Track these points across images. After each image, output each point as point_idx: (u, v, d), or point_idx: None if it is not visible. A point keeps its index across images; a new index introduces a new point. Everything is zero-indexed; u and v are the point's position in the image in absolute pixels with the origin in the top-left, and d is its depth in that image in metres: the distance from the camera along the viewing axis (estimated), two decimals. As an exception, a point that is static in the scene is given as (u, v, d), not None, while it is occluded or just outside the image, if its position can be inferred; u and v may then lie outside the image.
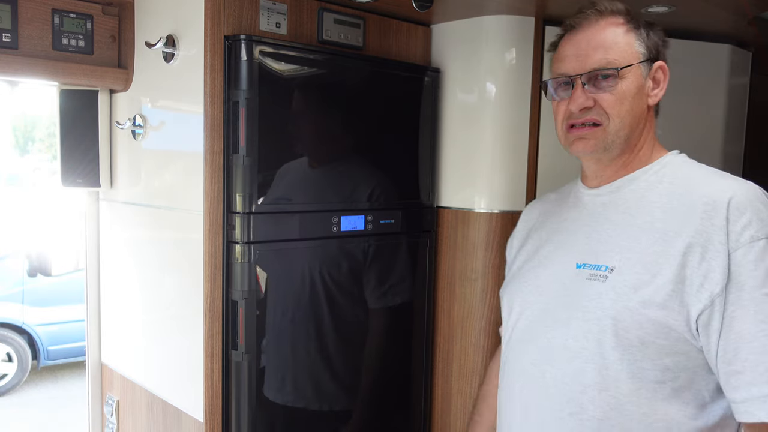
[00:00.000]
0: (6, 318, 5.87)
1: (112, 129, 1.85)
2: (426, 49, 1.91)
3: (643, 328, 1.07)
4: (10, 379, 5.91)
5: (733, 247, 1.04)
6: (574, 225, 1.27)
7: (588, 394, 1.12)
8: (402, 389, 1.89)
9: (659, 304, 1.06)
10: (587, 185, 1.29)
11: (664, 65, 1.23)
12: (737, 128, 2.12)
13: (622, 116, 1.17)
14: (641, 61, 1.18)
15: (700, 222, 1.07)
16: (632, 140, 1.20)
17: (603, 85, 1.16)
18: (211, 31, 1.48)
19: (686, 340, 1.07)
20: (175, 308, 1.66)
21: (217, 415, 1.55)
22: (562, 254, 1.25)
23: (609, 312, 1.10)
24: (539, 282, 1.26)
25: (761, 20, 1.78)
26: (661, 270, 1.07)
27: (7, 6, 1.57)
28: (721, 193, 1.08)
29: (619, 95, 1.16)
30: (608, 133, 1.18)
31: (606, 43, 1.17)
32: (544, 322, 1.21)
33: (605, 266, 1.14)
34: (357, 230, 1.71)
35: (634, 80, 1.17)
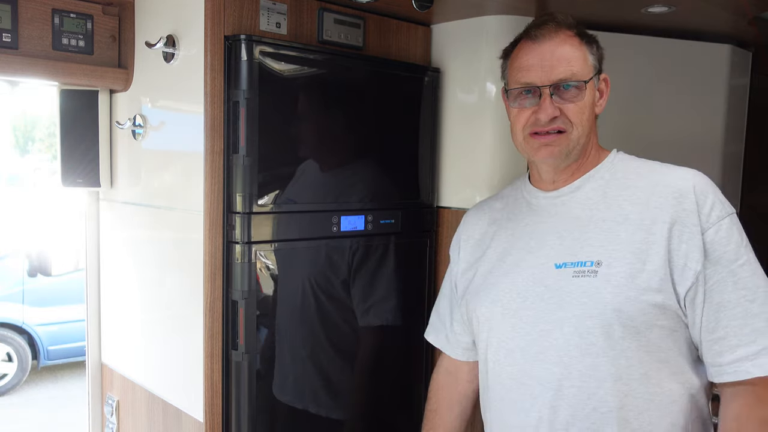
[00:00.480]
0: (6, 318, 5.88)
1: (112, 129, 1.85)
2: (426, 49, 1.91)
3: (647, 314, 1.14)
4: (10, 379, 5.91)
5: (704, 228, 1.15)
6: (538, 227, 1.30)
7: (605, 387, 1.17)
8: (402, 389, 1.89)
9: (656, 288, 1.14)
10: (543, 189, 1.34)
11: (607, 78, 1.31)
12: (737, 128, 2.12)
13: (583, 124, 1.25)
14: (594, 75, 1.27)
15: (672, 208, 1.17)
16: (586, 146, 1.28)
17: (568, 96, 1.23)
18: (211, 31, 1.48)
19: (679, 317, 1.17)
20: (175, 308, 1.66)
21: (217, 415, 1.55)
22: (535, 258, 1.27)
23: (612, 305, 1.15)
24: (518, 289, 1.27)
25: (761, 20, 1.78)
26: (648, 257, 1.16)
27: (7, 6, 1.57)
28: (684, 181, 1.19)
29: (582, 106, 1.24)
30: (571, 140, 1.24)
31: (568, 56, 1.23)
32: (540, 325, 1.23)
33: (590, 261, 1.19)
34: (357, 230, 1.71)
35: (590, 92, 1.26)
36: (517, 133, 1.30)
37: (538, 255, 1.27)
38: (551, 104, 1.23)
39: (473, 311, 1.36)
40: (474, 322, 1.38)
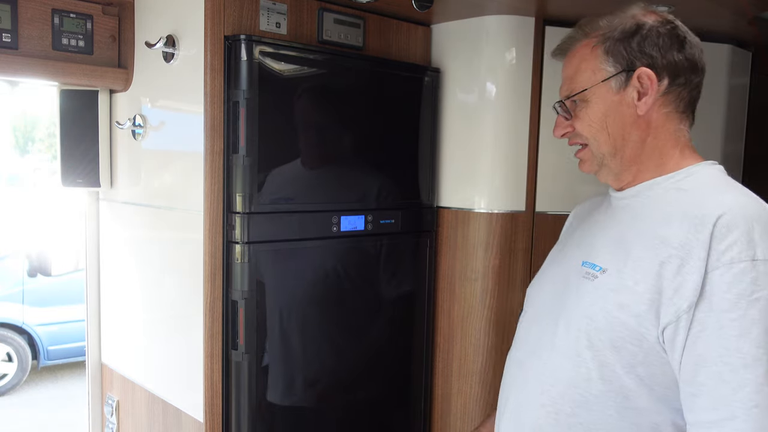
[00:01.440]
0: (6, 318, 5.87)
1: (112, 129, 1.85)
2: (426, 49, 1.91)
3: (615, 331, 1.07)
4: (10, 379, 5.91)
5: (712, 266, 1.00)
6: (598, 225, 1.28)
7: (558, 388, 1.15)
8: (402, 389, 1.89)
9: (634, 312, 1.05)
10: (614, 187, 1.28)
11: (646, 71, 1.15)
12: (737, 128, 2.12)
13: (595, 136, 1.19)
14: (606, 79, 1.16)
15: (686, 234, 1.04)
16: (627, 153, 1.19)
17: (574, 110, 1.20)
18: (211, 31, 1.48)
19: (658, 353, 1.05)
20: (175, 308, 1.66)
21: (217, 415, 1.55)
22: (578, 253, 1.26)
23: (586, 311, 1.13)
24: (554, 279, 1.29)
25: (761, 20, 1.78)
26: (643, 278, 1.06)
27: (7, 6, 1.57)
28: (716, 208, 1.04)
29: (587, 118, 1.18)
30: (594, 154, 1.20)
31: (573, 68, 1.20)
32: (542, 317, 1.25)
33: (599, 267, 1.16)
34: (357, 230, 1.71)
35: (599, 100, 1.17)
36: None
37: (581, 250, 1.25)
38: (562, 121, 1.21)
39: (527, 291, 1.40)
40: None
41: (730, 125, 2.05)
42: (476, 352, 1.84)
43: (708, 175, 1.17)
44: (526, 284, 1.83)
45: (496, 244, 1.81)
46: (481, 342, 1.83)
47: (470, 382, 1.86)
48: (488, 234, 1.82)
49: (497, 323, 1.83)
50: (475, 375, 1.84)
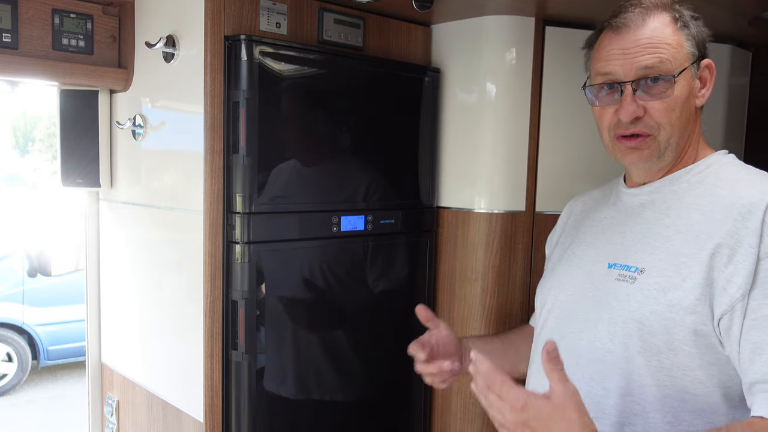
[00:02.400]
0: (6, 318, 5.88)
1: (112, 129, 1.85)
2: (426, 49, 1.91)
3: (671, 333, 1.02)
4: (10, 379, 5.91)
5: (763, 254, 0.98)
6: (611, 224, 1.22)
7: (611, 399, 1.09)
8: (402, 389, 1.89)
9: (687, 308, 1.01)
10: (628, 184, 1.24)
11: (711, 63, 1.15)
12: (737, 128, 2.12)
13: (673, 124, 1.10)
14: (692, 63, 1.11)
15: (733, 223, 1.01)
16: (682, 145, 1.15)
17: (654, 92, 1.09)
18: (211, 31, 1.48)
19: (715, 347, 1.02)
20: (175, 308, 1.66)
21: (217, 415, 1.55)
22: (595, 253, 1.21)
23: (635, 315, 1.06)
24: (573, 281, 1.22)
25: (761, 20, 1.78)
26: (691, 273, 1.02)
27: (7, 6, 1.57)
28: (762, 195, 1.02)
29: (671, 103, 1.09)
30: (660, 143, 1.11)
31: (656, 43, 1.08)
32: (573, 322, 1.18)
33: (635, 267, 1.10)
34: (357, 230, 1.71)
35: (685, 84, 1.10)
36: (603, 135, 1.18)
37: (600, 251, 1.19)
38: (633, 102, 1.09)
39: (537, 293, 1.34)
40: (536, 306, 1.35)
41: (730, 125, 2.05)
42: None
43: (728, 164, 1.16)
44: (526, 284, 1.84)
45: (496, 244, 1.81)
46: (481, 342, 1.83)
47: (470, 382, 1.85)
48: (488, 234, 1.82)
49: (497, 323, 1.82)
50: (475, 375, 1.84)
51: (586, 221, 1.32)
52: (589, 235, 1.27)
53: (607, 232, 1.22)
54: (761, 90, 2.26)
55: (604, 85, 1.13)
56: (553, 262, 1.35)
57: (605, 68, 1.12)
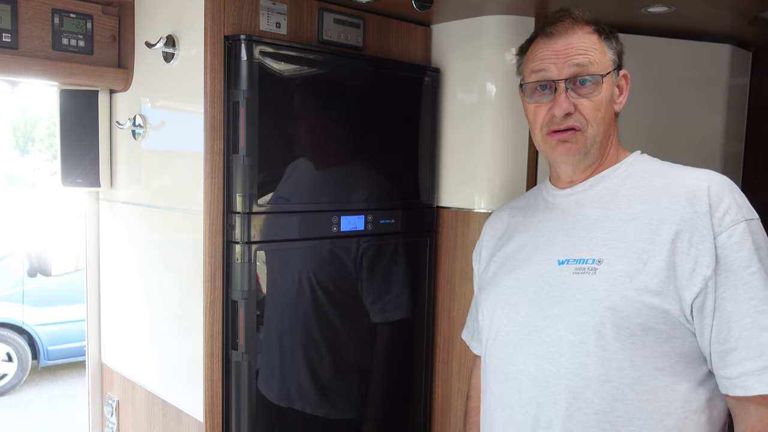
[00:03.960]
0: (6, 318, 5.88)
1: (112, 129, 1.85)
2: (426, 49, 1.91)
3: (642, 315, 1.10)
4: (10, 379, 5.91)
5: (717, 232, 1.10)
6: (550, 225, 1.29)
7: (592, 388, 1.13)
8: (402, 389, 1.89)
9: (654, 290, 1.10)
10: (558, 187, 1.32)
11: (627, 74, 1.28)
12: (737, 128, 2.12)
13: (598, 122, 1.22)
14: (613, 69, 1.23)
15: (683, 210, 1.12)
16: (604, 145, 1.25)
17: (583, 92, 1.20)
18: (211, 31, 1.48)
19: (681, 324, 1.11)
20: (175, 308, 1.66)
21: (217, 415, 1.55)
22: (540, 254, 1.26)
23: (605, 303, 1.12)
24: (521, 284, 1.27)
25: (761, 20, 1.78)
26: (650, 258, 1.12)
27: (7, 6, 1.57)
28: (699, 182, 1.14)
29: (597, 102, 1.21)
30: (587, 138, 1.22)
31: (586, 49, 1.21)
32: (534, 320, 1.21)
33: (591, 259, 1.17)
34: (357, 230, 1.71)
35: (608, 88, 1.22)
36: (535, 133, 1.28)
37: (545, 251, 1.26)
38: (566, 99, 1.20)
39: (480, 305, 1.37)
40: (480, 317, 1.37)
41: (730, 125, 2.05)
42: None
43: (649, 161, 1.28)
44: (526, 284, 1.84)
45: (496, 244, 1.81)
46: (481, 342, 1.83)
47: (470, 382, 1.86)
48: (488, 234, 1.82)
49: (497, 323, 1.82)
50: (475, 375, 1.84)
51: (518, 228, 1.37)
52: (527, 239, 1.33)
53: (548, 234, 1.29)
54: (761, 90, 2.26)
55: (537, 86, 1.24)
56: (492, 272, 1.37)
57: (539, 66, 1.24)
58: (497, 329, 1.29)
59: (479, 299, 1.38)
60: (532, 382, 1.20)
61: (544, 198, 1.35)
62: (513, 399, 1.24)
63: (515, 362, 1.24)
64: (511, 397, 1.24)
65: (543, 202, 1.35)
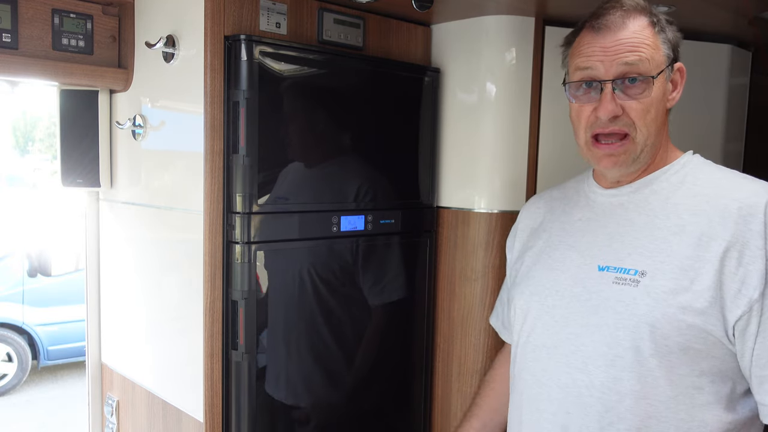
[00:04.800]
0: (6, 318, 5.88)
1: (112, 129, 1.85)
2: (426, 49, 1.91)
3: (683, 334, 1.05)
4: (10, 379, 5.91)
5: None
6: (590, 225, 1.22)
7: (625, 403, 1.09)
8: (402, 389, 1.89)
9: (699, 310, 1.04)
10: (602, 185, 1.24)
11: (683, 67, 1.17)
12: (737, 128, 2.12)
13: (648, 125, 1.13)
14: (668, 65, 1.13)
15: (735, 226, 1.05)
16: (656, 146, 1.17)
17: (632, 92, 1.11)
18: (211, 31, 1.48)
19: (722, 344, 1.06)
20: (175, 308, 1.66)
21: (217, 415, 1.55)
22: (579, 256, 1.20)
23: (646, 318, 1.07)
24: (558, 286, 1.21)
25: (761, 20, 1.78)
26: (698, 276, 1.05)
27: (7, 6, 1.57)
28: (756, 197, 1.06)
29: (647, 104, 1.11)
30: (637, 145, 1.13)
31: (637, 45, 1.10)
32: (570, 327, 1.17)
33: (634, 270, 1.11)
34: (357, 230, 1.71)
35: (660, 86, 1.12)
36: (579, 134, 1.19)
37: (585, 254, 1.19)
38: (612, 100, 1.11)
39: (513, 300, 1.32)
40: (512, 312, 1.33)
41: (730, 125, 2.05)
42: (476, 352, 1.84)
43: (701, 164, 1.19)
44: (526, 284, 1.84)
45: (496, 244, 1.81)
46: (481, 342, 1.83)
47: (470, 382, 1.86)
48: (488, 234, 1.82)
49: (497, 323, 1.82)
50: (475, 375, 1.84)
51: (555, 223, 1.30)
52: (565, 237, 1.26)
53: (588, 234, 1.22)
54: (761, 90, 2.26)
55: (582, 83, 1.15)
56: (527, 267, 1.32)
57: (585, 63, 1.14)
58: (530, 330, 1.25)
59: (513, 294, 1.33)
60: (564, 391, 1.16)
61: (586, 194, 1.27)
62: (543, 405, 1.20)
63: (547, 368, 1.19)
64: (541, 403, 1.21)
65: (584, 198, 1.27)
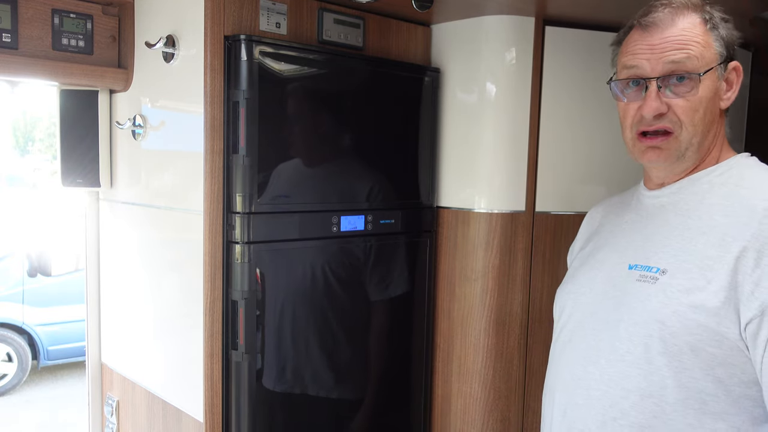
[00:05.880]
0: (6, 318, 5.87)
1: (112, 129, 1.85)
2: (426, 49, 1.91)
3: (693, 334, 1.02)
4: (10, 379, 5.91)
5: None
6: (632, 227, 1.22)
7: (630, 400, 1.08)
8: (402, 389, 1.89)
9: (711, 310, 1.01)
10: (648, 187, 1.24)
11: (739, 65, 1.13)
12: (737, 128, 2.12)
13: (695, 124, 1.10)
14: (719, 63, 1.10)
15: (758, 226, 1.01)
16: (704, 146, 1.13)
17: (679, 90, 1.09)
18: (211, 31, 1.48)
19: (740, 350, 1.01)
20: (175, 308, 1.66)
21: (217, 415, 1.55)
22: (617, 256, 1.20)
23: (655, 315, 1.06)
24: (592, 284, 1.22)
25: (761, 20, 1.78)
26: (716, 275, 1.02)
27: (7, 6, 1.57)
28: None
29: (695, 102, 1.09)
30: (681, 142, 1.11)
31: (686, 43, 1.08)
32: (593, 323, 1.17)
33: (657, 268, 1.09)
34: (357, 230, 1.71)
35: (710, 85, 1.09)
36: (625, 133, 1.18)
37: (622, 254, 1.19)
38: (657, 98, 1.09)
39: (556, 299, 1.33)
40: (554, 309, 1.34)
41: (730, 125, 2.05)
42: (476, 352, 1.84)
43: (751, 166, 1.14)
44: (526, 284, 1.84)
45: (496, 244, 1.81)
46: (481, 342, 1.83)
47: (470, 382, 1.86)
48: (488, 234, 1.82)
49: (497, 323, 1.82)
50: (475, 375, 1.84)
51: (607, 226, 1.31)
52: (610, 239, 1.26)
53: (628, 235, 1.21)
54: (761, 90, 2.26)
55: (629, 81, 1.14)
56: (574, 268, 1.34)
57: (631, 61, 1.12)
58: (563, 326, 1.27)
59: (558, 291, 1.34)
60: (575, 382, 1.17)
61: (637, 198, 1.26)
62: (557, 395, 1.22)
63: (569, 361, 1.20)
64: (555, 393, 1.22)
65: (636, 201, 1.27)
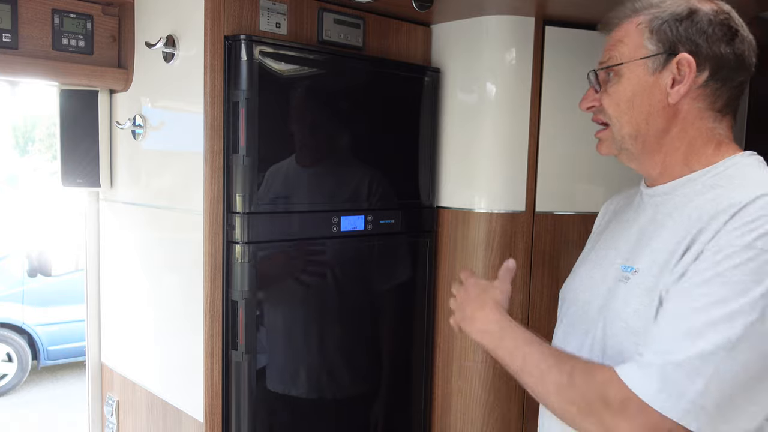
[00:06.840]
0: (6, 318, 5.87)
1: (112, 129, 1.85)
2: (426, 49, 1.91)
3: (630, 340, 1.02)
4: (10, 379, 5.91)
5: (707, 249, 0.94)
6: (628, 225, 1.22)
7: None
8: (402, 389, 1.89)
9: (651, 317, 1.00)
10: (647, 184, 1.21)
11: (687, 58, 1.06)
12: (737, 128, 2.11)
13: (619, 117, 1.11)
14: (645, 57, 1.08)
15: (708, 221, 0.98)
16: (648, 140, 1.11)
17: (604, 84, 1.13)
18: (211, 31, 1.48)
19: None
20: (175, 308, 1.66)
21: (217, 415, 1.55)
22: (614, 254, 1.20)
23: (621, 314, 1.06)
24: (592, 282, 1.22)
25: (761, 20, 1.78)
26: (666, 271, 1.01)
27: (7, 6, 1.57)
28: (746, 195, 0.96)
29: (615, 95, 1.11)
30: (614, 134, 1.13)
31: (614, 41, 1.12)
32: (579, 323, 1.20)
33: (632, 267, 1.09)
34: (357, 230, 1.71)
35: (632, 78, 1.09)
36: None
37: (618, 252, 1.18)
38: (590, 93, 1.15)
39: (560, 294, 1.33)
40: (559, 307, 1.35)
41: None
42: (476, 352, 1.84)
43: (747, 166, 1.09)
44: (525, 284, 1.84)
45: (496, 244, 1.81)
46: (481, 342, 1.83)
47: (470, 382, 1.86)
48: (488, 234, 1.82)
49: (497, 323, 1.82)
50: (475, 375, 1.84)
51: (612, 223, 1.31)
52: (610, 236, 1.27)
53: (623, 234, 1.21)
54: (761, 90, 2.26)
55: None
56: (577, 264, 1.33)
57: None
58: (559, 322, 1.29)
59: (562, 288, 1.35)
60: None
61: (639, 195, 1.25)
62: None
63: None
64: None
65: (638, 198, 1.25)
